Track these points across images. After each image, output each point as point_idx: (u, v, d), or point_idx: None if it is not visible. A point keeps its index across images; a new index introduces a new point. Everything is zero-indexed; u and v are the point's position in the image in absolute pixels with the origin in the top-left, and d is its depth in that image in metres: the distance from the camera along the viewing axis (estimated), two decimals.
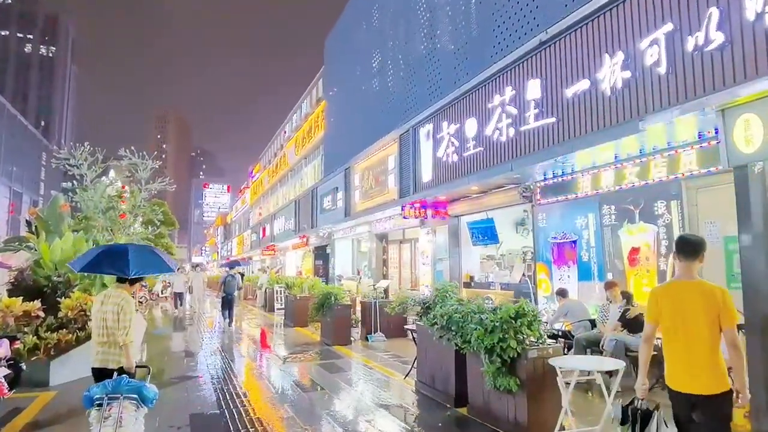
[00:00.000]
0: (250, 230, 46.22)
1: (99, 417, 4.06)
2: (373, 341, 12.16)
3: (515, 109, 9.31)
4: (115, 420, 4.03)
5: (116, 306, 4.63)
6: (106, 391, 4.16)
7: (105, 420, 4.02)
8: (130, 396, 4.20)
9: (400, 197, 13.80)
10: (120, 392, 4.15)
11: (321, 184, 22.23)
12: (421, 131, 12.67)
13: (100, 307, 4.69)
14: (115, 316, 4.60)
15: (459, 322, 6.07)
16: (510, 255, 13.78)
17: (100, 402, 4.11)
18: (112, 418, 4.06)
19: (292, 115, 44.04)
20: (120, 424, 4.03)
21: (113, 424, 4.01)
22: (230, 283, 16.01)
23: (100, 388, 4.19)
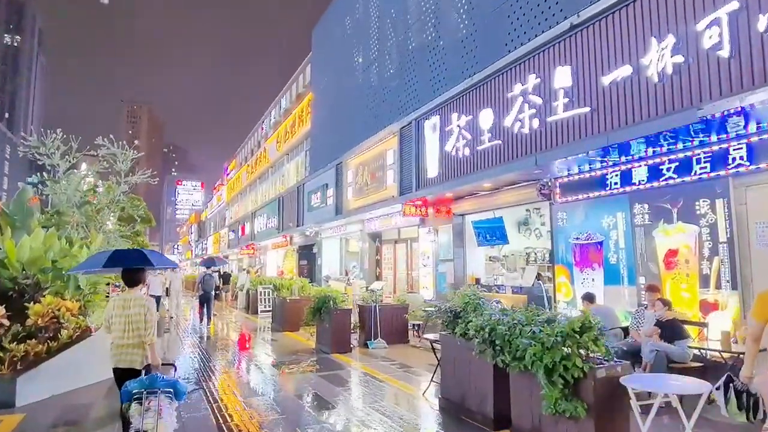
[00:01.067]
0: (227, 228, 44.77)
1: (140, 410, 4.32)
2: (374, 348, 11.30)
3: (540, 98, 8.59)
4: (155, 412, 4.31)
5: (142, 308, 4.96)
6: (143, 386, 4.45)
7: (146, 412, 4.30)
8: (166, 390, 4.50)
9: (400, 194, 12.98)
10: (157, 387, 4.46)
11: (308, 180, 21.25)
12: (426, 124, 11.87)
13: (124, 311, 4.95)
14: (141, 318, 4.92)
15: (505, 335, 5.26)
16: (513, 256, 13.14)
17: (138, 396, 4.38)
18: (152, 410, 4.32)
19: (270, 110, 42.96)
20: (160, 415, 4.31)
21: (154, 416, 4.29)
22: (208, 281, 15.82)
23: (138, 383, 4.49)
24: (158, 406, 4.36)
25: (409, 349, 11.28)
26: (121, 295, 5.22)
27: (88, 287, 9.38)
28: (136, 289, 5.16)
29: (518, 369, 5.02)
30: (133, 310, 4.93)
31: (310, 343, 11.80)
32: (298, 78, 35.62)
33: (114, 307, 5.01)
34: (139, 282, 5.20)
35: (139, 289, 5.26)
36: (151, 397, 4.40)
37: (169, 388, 4.55)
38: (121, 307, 4.96)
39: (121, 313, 4.93)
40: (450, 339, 6.58)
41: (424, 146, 11.92)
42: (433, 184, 11.55)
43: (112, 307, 5.04)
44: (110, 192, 11.63)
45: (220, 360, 10.28)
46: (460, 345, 6.32)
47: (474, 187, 10.63)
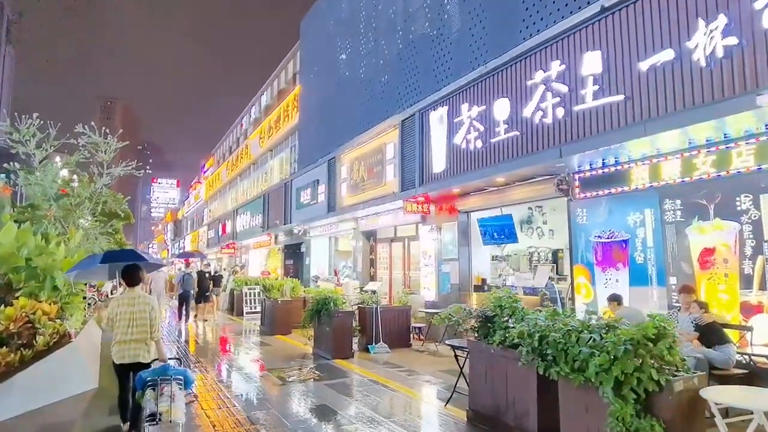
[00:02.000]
0: (206, 226, 43.50)
1: (155, 395, 4.66)
2: (376, 353, 10.62)
3: (565, 86, 8.03)
4: (169, 396, 4.64)
5: (147, 306, 5.32)
6: (157, 374, 4.80)
7: (161, 396, 4.63)
8: (177, 378, 4.84)
9: (402, 190, 12.31)
10: (170, 375, 4.80)
11: (297, 176, 20.43)
12: (432, 115, 11.24)
13: (129, 308, 5.28)
14: (146, 315, 5.28)
15: (558, 344, 4.64)
16: (516, 256, 12.62)
17: (152, 383, 4.74)
18: (166, 395, 4.65)
19: (250, 107, 42.00)
20: (173, 399, 4.64)
21: (167, 400, 4.61)
22: (187, 281, 16.14)
23: (151, 372, 4.86)
24: (171, 391, 4.72)
25: (413, 354, 10.64)
26: (126, 294, 5.46)
27: (66, 288, 8.49)
28: (137, 288, 5.47)
29: (578, 382, 4.40)
30: (137, 307, 5.29)
31: (306, 348, 11.05)
32: (280, 74, 34.74)
33: (119, 305, 5.32)
34: (139, 281, 5.51)
35: (141, 288, 5.55)
36: (164, 383, 4.76)
37: (180, 376, 4.94)
38: (127, 305, 5.30)
39: (126, 311, 5.27)
40: (481, 346, 5.95)
41: (429, 139, 11.29)
42: (440, 179, 10.91)
43: (116, 305, 5.34)
44: (86, 186, 10.68)
45: (211, 367, 9.47)
46: (495, 353, 5.70)
47: (485, 183, 10.03)
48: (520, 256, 13.02)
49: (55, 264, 8.42)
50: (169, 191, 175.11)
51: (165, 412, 4.58)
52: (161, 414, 4.58)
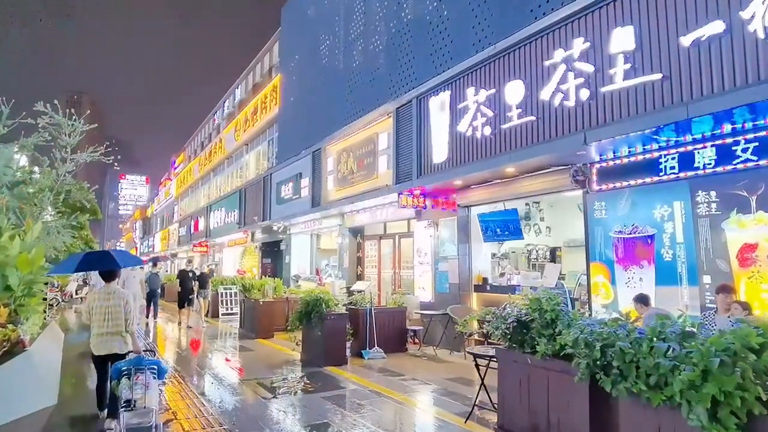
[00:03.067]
0: (177, 224, 41.82)
1: (129, 383, 4.97)
2: (370, 358, 9.75)
3: (590, 65, 7.28)
4: (143, 385, 4.97)
5: (122, 300, 5.61)
6: (132, 364, 5.14)
7: (135, 385, 4.96)
8: (151, 367, 5.17)
9: (396, 183, 11.44)
10: (144, 365, 5.15)
11: (277, 170, 19.36)
12: (432, 102, 10.40)
13: (104, 302, 5.55)
14: (120, 309, 5.57)
15: (627, 354, 3.84)
16: (514, 254, 11.94)
17: (127, 372, 5.06)
18: (140, 384, 4.98)
19: (224, 101, 40.67)
20: (147, 387, 4.97)
21: (142, 388, 4.96)
22: (153, 280, 15.85)
23: (126, 363, 5.21)
24: (145, 380, 5.00)
25: (410, 359, 9.80)
26: (103, 288, 5.72)
27: (22, 288, 7.35)
28: (113, 282, 5.77)
29: (658, 401, 3.61)
30: (113, 301, 5.58)
31: (293, 354, 10.08)
32: (255, 68, 33.63)
33: (95, 299, 5.61)
34: (115, 277, 5.83)
35: (116, 283, 5.86)
36: (138, 373, 5.03)
37: (154, 366, 5.21)
38: (103, 299, 5.58)
39: (102, 305, 5.55)
40: (514, 355, 5.13)
41: (429, 127, 10.45)
42: (441, 170, 10.08)
43: (93, 299, 5.64)
44: (48, 174, 9.48)
45: (189, 377, 8.42)
46: (533, 363, 4.88)
47: (491, 174, 9.25)
48: (518, 254, 12.34)
49: (7, 260, 7.28)
50: (137, 188, 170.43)
51: (139, 399, 4.91)
52: (135, 401, 4.91)
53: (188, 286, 14.75)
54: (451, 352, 10.33)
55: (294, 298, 14.14)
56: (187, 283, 14.78)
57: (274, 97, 23.96)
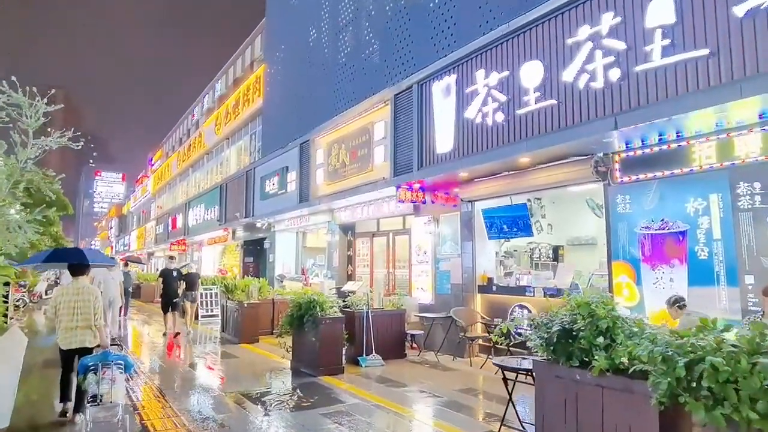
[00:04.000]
0: (154, 221, 40.37)
1: (96, 378, 5.05)
2: (368, 366, 8.91)
3: (621, 42, 6.55)
4: (110, 380, 5.07)
5: (91, 295, 5.82)
6: (98, 359, 5.20)
7: (102, 380, 5.05)
8: (117, 362, 5.24)
9: (395, 175, 10.61)
10: (110, 360, 5.21)
11: (261, 163, 18.36)
12: (436, 87, 9.59)
13: (73, 297, 5.75)
14: (89, 304, 5.76)
15: (723, 373, 3.07)
16: (516, 252, 11.23)
17: (94, 368, 5.10)
18: (107, 378, 5.07)
19: (203, 96, 39.56)
20: (114, 382, 5.08)
21: (108, 383, 5.06)
22: (127, 279, 15.80)
23: (93, 358, 5.26)
24: (112, 375, 5.09)
25: (411, 367, 8.99)
26: (71, 284, 5.88)
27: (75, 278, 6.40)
28: (82, 278, 5.97)
29: None
30: (82, 296, 5.73)
31: (283, 361, 9.16)
32: (236, 61, 32.71)
33: (63, 294, 5.75)
34: (84, 272, 6.02)
35: (85, 279, 6.04)
36: (105, 368, 5.10)
37: (120, 361, 5.27)
38: (72, 294, 5.73)
39: (71, 299, 5.68)
40: (558, 369, 4.35)
41: (432, 115, 9.64)
42: (445, 161, 9.29)
43: (60, 294, 5.78)
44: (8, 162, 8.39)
45: (168, 389, 7.46)
46: (583, 380, 4.10)
47: (503, 164, 8.48)
48: (520, 252, 11.63)
49: None
50: (113, 185, 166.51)
51: (105, 394, 5.00)
52: (102, 396, 4.99)
53: (173, 288, 12.75)
54: (454, 358, 9.55)
55: (281, 299, 13.23)
56: (172, 283, 12.78)
57: (257, 89, 22.96)
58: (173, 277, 12.81)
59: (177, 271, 13.07)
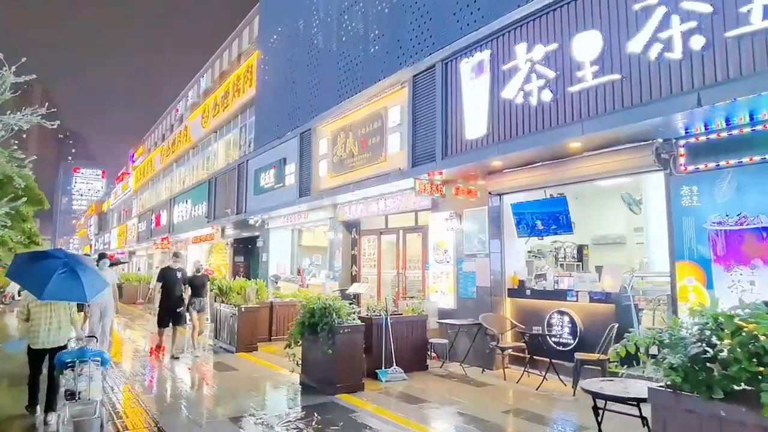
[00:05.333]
0: (136, 219, 38.74)
1: (74, 375, 5.01)
2: (388, 380, 7.81)
3: (705, 4, 5.55)
4: (87, 376, 5.03)
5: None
6: (75, 356, 5.15)
7: (79, 376, 5.01)
8: (95, 359, 5.20)
9: (413, 165, 9.53)
10: (88, 357, 5.16)
11: (255, 156, 17.13)
12: (464, 65, 8.52)
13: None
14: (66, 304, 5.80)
15: None
16: (540, 252, 10.28)
17: (71, 364, 5.07)
18: (85, 375, 5.03)
19: (188, 90, 38.17)
20: (91, 378, 5.04)
21: (86, 379, 5.01)
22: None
23: (70, 354, 5.23)
24: (90, 371, 5.08)
25: (437, 381, 7.92)
26: None
27: None
28: None
29: None
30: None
31: (291, 375, 7.96)
32: (222, 55, 31.48)
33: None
34: None
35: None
36: (82, 365, 5.09)
37: (98, 357, 5.26)
38: None
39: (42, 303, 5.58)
40: (691, 402, 3.30)
41: (459, 96, 8.57)
42: (476, 148, 8.22)
43: (28, 295, 5.66)
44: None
45: (161, 408, 6.27)
46: (732, 417, 3.07)
47: (547, 151, 7.45)
48: (544, 252, 10.67)
49: None
50: (93, 182, 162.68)
51: (83, 391, 4.97)
52: (80, 393, 4.96)
53: (177, 294, 10.00)
54: (483, 371, 8.49)
55: (279, 302, 12.09)
56: (176, 288, 10.00)
57: (249, 79, 21.72)
58: (177, 280, 10.07)
59: (181, 272, 10.40)
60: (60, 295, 5.35)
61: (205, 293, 10.70)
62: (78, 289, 5.30)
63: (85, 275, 5.42)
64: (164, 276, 10.10)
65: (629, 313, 7.63)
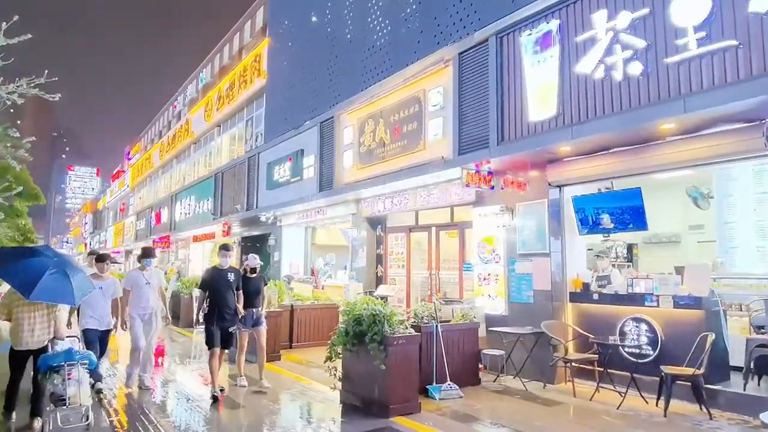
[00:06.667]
0: (134, 216, 37.59)
1: (61, 378, 4.88)
2: (443, 398, 6.80)
3: None
4: (76, 380, 4.92)
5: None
6: (63, 359, 4.98)
7: (68, 380, 4.87)
8: (83, 362, 5.11)
9: (460, 153, 8.51)
10: (75, 359, 5.03)
11: (266, 148, 16.07)
12: (526, 38, 7.50)
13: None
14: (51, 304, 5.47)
15: None
16: (590, 252, 9.32)
17: (58, 367, 4.91)
18: (73, 379, 4.90)
19: (186, 85, 37.16)
20: (80, 383, 4.96)
21: (76, 384, 4.90)
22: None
23: (56, 357, 5.03)
24: (78, 375, 4.97)
25: (495, 398, 6.93)
26: None
27: None
28: None
29: None
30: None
31: (328, 392, 6.90)
32: (223, 49, 30.49)
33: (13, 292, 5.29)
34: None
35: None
36: (70, 368, 4.93)
37: (86, 360, 5.17)
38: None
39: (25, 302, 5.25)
40: None
41: (520, 72, 7.55)
42: (543, 130, 7.20)
43: (9, 294, 5.40)
44: None
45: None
46: None
47: (631, 133, 6.44)
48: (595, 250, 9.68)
49: None
50: (87, 181, 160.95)
51: (73, 396, 4.85)
52: (69, 398, 4.83)
53: (230, 304, 7.00)
54: (545, 386, 7.49)
55: (300, 306, 11.04)
56: (228, 297, 6.99)
57: (257, 69, 20.63)
58: (228, 285, 7.00)
59: (235, 274, 7.17)
60: (49, 296, 5.12)
61: (261, 302, 7.73)
62: (67, 292, 5.13)
63: (75, 277, 5.31)
64: (212, 281, 7.01)
65: (718, 319, 6.67)
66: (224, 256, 7.24)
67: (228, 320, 7.00)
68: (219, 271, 7.11)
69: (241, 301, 7.26)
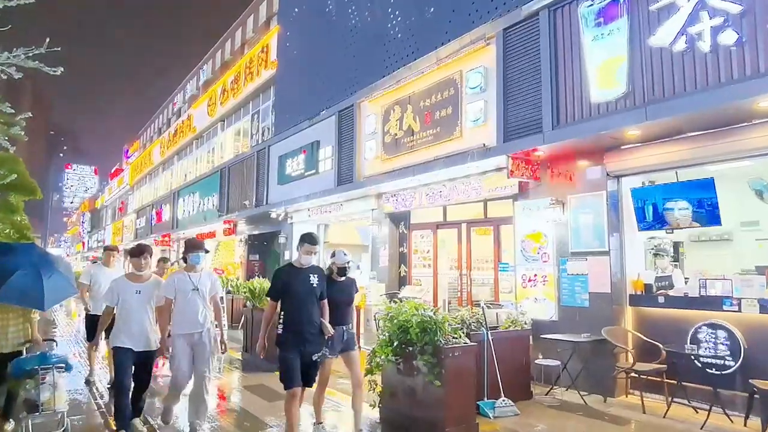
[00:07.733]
0: (134, 214, 36.70)
1: (35, 383, 4.64)
2: (497, 415, 5.99)
3: None
4: (51, 385, 4.67)
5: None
6: (37, 363, 4.70)
7: (42, 385, 4.64)
8: (59, 365, 4.80)
9: (505, 140, 7.68)
10: (50, 363, 4.75)
11: (278, 140, 15.23)
12: (585, 8, 6.67)
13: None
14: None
15: None
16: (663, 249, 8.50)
17: (32, 372, 4.65)
18: (47, 383, 4.65)
19: (186, 82, 36.50)
20: (55, 387, 4.70)
21: (50, 389, 4.66)
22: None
23: (30, 361, 4.78)
24: (53, 379, 4.70)
25: (554, 415, 6.11)
26: None
27: None
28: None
29: None
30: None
31: (369, 410, 6.05)
32: (224, 44, 29.84)
33: None
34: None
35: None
36: (44, 372, 4.67)
37: (61, 364, 4.84)
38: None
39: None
40: None
41: (578, 48, 6.73)
42: (609, 112, 6.38)
43: None
44: None
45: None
46: None
47: (720, 113, 5.62)
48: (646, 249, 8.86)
49: None
50: (85, 179, 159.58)
51: (47, 401, 4.62)
52: (43, 404, 4.60)
53: (315, 319, 4.89)
54: (605, 399, 6.67)
55: None
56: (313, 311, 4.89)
57: (264, 60, 19.80)
58: (311, 291, 4.90)
59: (319, 276, 5.00)
60: (16, 299, 4.78)
61: (351, 311, 5.65)
62: (35, 295, 4.78)
63: (50, 280, 4.90)
64: (288, 286, 4.87)
65: None
66: (308, 252, 4.92)
67: (311, 342, 4.83)
68: (298, 271, 4.89)
69: (326, 315, 5.06)
